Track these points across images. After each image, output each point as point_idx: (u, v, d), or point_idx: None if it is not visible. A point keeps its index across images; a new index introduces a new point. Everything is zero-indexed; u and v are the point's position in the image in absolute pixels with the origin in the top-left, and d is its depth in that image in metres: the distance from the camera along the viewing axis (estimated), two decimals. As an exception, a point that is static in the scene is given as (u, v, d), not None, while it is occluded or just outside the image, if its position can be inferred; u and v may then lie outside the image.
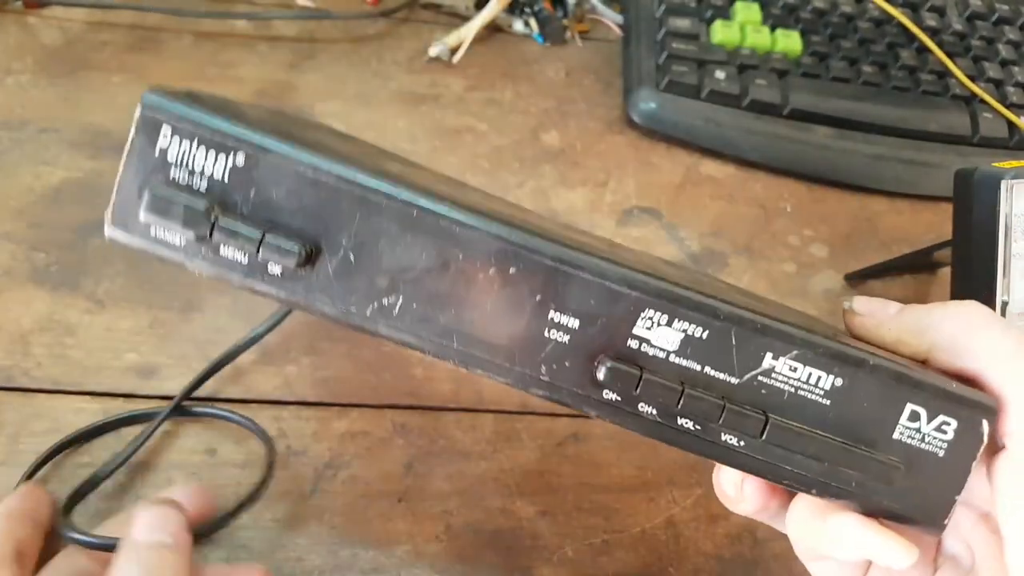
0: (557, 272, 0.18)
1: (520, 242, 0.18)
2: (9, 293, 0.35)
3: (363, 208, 0.18)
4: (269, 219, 0.18)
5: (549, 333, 0.18)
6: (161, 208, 0.17)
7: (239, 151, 0.17)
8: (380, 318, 0.18)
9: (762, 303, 0.26)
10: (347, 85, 0.46)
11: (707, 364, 0.18)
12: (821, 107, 0.47)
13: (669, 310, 0.18)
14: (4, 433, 0.31)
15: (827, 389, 0.19)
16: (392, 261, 0.18)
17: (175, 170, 0.18)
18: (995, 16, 0.53)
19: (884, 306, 0.22)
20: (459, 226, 0.18)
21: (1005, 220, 0.31)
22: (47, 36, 0.44)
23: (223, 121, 0.17)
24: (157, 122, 0.18)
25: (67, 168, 0.39)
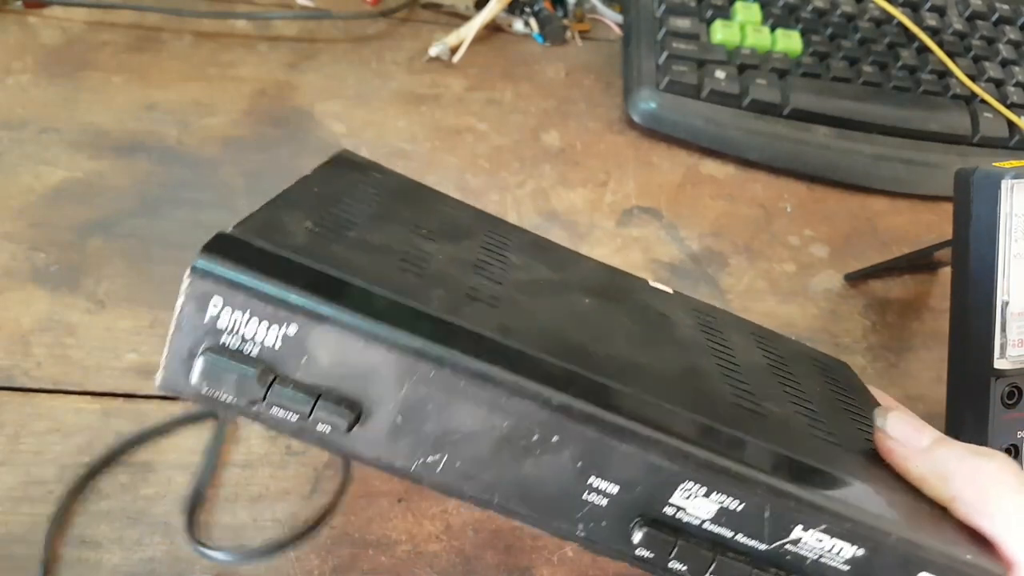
0: (599, 442, 0.18)
1: (563, 410, 0.18)
2: (9, 293, 0.35)
3: (412, 376, 0.18)
4: (320, 383, 0.18)
5: (588, 496, 0.19)
6: (213, 377, 0.18)
7: (292, 322, 0.17)
8: (424, 472, 0.19)
9: (806, 404, 0.26)
10: (347, 85, 0.46)
11: (739, 531, 0.19)
12: (821, 107, 0.47)
13: (708, 483, 0.18)
14: (4, 433, 0.31)
15: (848, 558, 0.19)
16: (438, 424, 0.18)
17: (226, 336, 0.18)
18: (995, 16, 0.53)
19: (917, 435, 0.22)
20: (504, 395, 0.18)
21: (1005, 220, 0.31)
22: (47, 36, 0.44)
23: (276, 288, 0.17)
24: (207, 293, 0.17)
25: (67, 168, 0.39)
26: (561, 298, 0.26)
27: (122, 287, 0.36)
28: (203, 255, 0.17)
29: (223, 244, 0.18)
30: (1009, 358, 0.31)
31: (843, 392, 0.29)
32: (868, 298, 0.43)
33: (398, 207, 0.27)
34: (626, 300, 0.28)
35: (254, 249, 0.18)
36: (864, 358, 0.40)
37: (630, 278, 0.31)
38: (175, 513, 0.30)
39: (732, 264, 0.43)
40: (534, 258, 0.28)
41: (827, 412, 0.26)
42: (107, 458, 0.30)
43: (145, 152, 0.41)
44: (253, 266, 0.17)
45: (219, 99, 0.44)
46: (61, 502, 0.28)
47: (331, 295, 0.18)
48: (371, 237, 0.23)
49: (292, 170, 0.43)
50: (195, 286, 0.17)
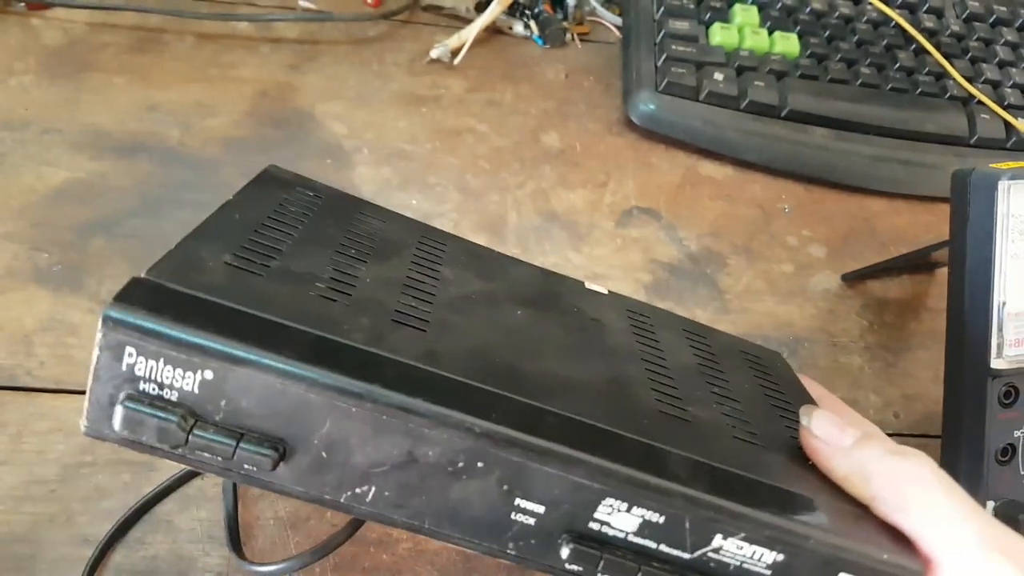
0: (522, 466, 0.19)
1: (487, 436, 0.18)
2: (11, 293, 0.35)
3: (333, 412, 0.18)
4: (242, 424, 0.18)
5: (515, 516, 0.19)
6: (134, 424, 0.17)
7: (205, 367, 0.17)
8: (353, 503, 0.19)
9: (727, 381, 0.27)
10: (348, 86, 0.46)
11: (662, 542, 0.20)
12: (819, 108, 0.47)
13: (629, 499, 0.19)
14: (7, 433, 0.31)
15: (769, 563, 0.20)
16: (363, 457, 0.18)
17: (144, 383, 0.17)
18: (993, 18, 0.54)
19: (840, 434, 0.23)
20: (427, 426, 0.18)
21: (1002, 221, 0.31)
22: (49, 37, 0.45)
23: (188, 335, 0.17)
24: (121, 342, 0.17)
25: (69, 169, 0.39)
26: (492, 312, 0.26)
27: (124, 287, 0.36)
28: (114, 304, 0.17)
29: (136, 291, 0.18)
30: (1006, 358, 0.31)
31: (773, 386, 0.29)
32: (866, 298, 0.43)
33: (325, 226, 0.26)
34: (559, 307, 0.28)
35: (167, 292, 0.18)
36: (862, 358, 0.40)
37: (566, 281, 0.31)
38: (176, 512, 0.30)
39: (731, 264, 0.43)
40: (467, 269, 0.28)
41: (754, 410, 0.26)
42: (140, 510, 0.30)
43: (147, 153, 0.41)
44: (165, 312, 0.17)
45: (220, 100, 0.44)
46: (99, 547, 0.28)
47: (245, 336, 0.18)
48: (294, 264, 0.22)
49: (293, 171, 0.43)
50: (108, 336, 0.17)
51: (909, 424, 0.38)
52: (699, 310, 0.41)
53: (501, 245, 0.41)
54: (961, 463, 0.32)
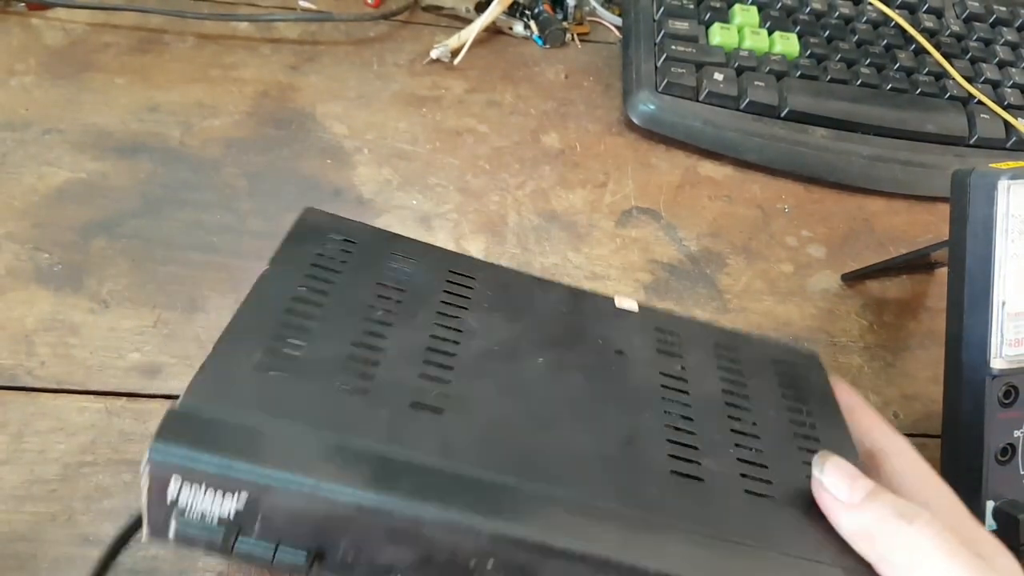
0: (531, 564, 0.20)
1: (496, 539, 0.20)
2: (13, 293, 0.35)
3: (352, 525, 0.20)
4: (279, 534, 0.20)
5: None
6: (187, 539, 0.20)
7: (242, 491, 0.20)
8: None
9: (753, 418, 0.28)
10: (348, 87, 0.46)
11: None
12: (819, 108, 0.47)
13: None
14: (7, 432, 0.31)
15: None
16: (384, 559, 0.21)
17: (189, 509, 0.20)
18: (992, 18, 0.54)
19: (849, 491, 0.23)
20: (439, 532, 0.20)
21: (1002, 220, 0.31)
22: (50, 37, 0.45)
23: (222, 465, 0.20)
24: (165, 477, 0.20)
25: (70, 169, 0.40)
26: (513, 367, 0.27)
27: (125, 287, 0.36)
28: (157, 441, 0.20)
29: (174, 424, 0.20)
30: (1005, 357, 0.31)
31: (800, 407, 0.29)
32: (865, 298, 0.43)
33: (354, 283, 0.28)
34: (584, 341, 0.29)
35: (201, 422, 0.20)
36: (861, 358, 0.40)
37: (596, 301, 0.32)
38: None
39: (730, 264, 0.43)
40: (493, 309, 0.29)
41: (775, 444, 0.27)
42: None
43: (147, 153, 0.41)
44: (201, 444, 0.20)
45: (221, 100, 0.44)
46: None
47: (273, 459, 0.20)
48: (323, 347, 0.24)
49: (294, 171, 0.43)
50: (154, 471, 0.20)
51: (908, 424, 0.38)
52: (698, 310, 0.41)
53: (501, 245, 0.41)
54: (961, 463, 0.32)
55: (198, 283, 0.37)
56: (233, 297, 0.36)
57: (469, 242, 0.41)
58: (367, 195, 0.42)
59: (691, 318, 0.33)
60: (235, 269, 0.37)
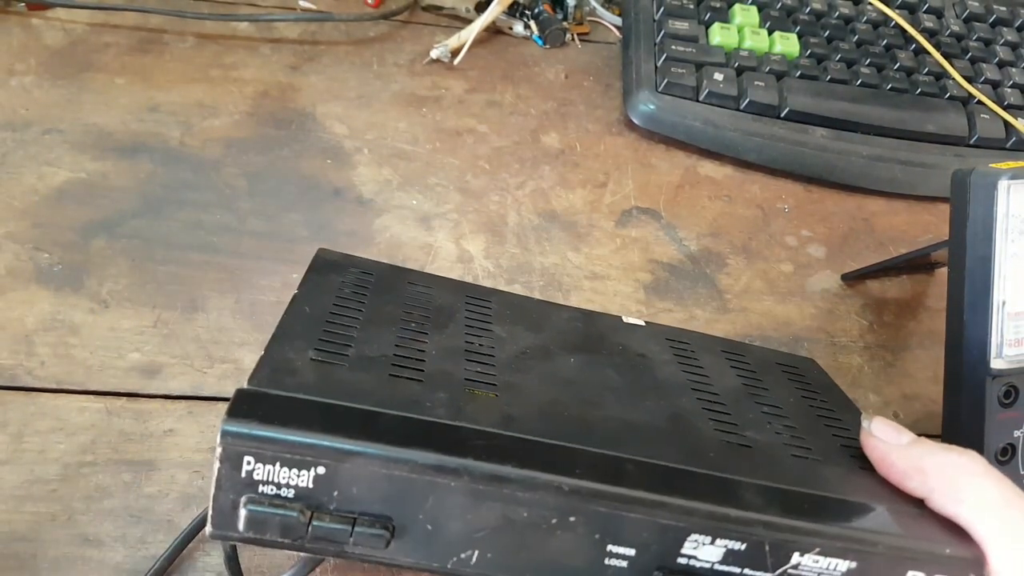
0: (612, 516, 0.20)
1: (575, 493, 0.20)
2: (13, 293, 0.35)
3: (433, 489, 0.20)
4: (355, 507, 0.20)
5: (609, 561, 0.21)
6: (258, 524, 0.19)
7: (318, 464, 0.19)
8: (460, 567, 0.20)
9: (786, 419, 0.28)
10: (348, 87, 0.46)
11: (746, 567, 0.21)
12: (819, 108, 0.47)
13: (712, 532, 0.20)
14: (7, 432, 0.31)
15: (844, 571, 0.21)
16: (465, 525, 0.20)
17: (263, 486, 0.19)
18: (992, 17, 0.54)
19: (897, 434, 0.25)
20: (520, 490, 0.20)
21: (1002, 220, 0.31)
22: (50, 37, 0.45)
23: (299, 437, 0.19)
24: (239, 453, 0.19)
25: (70, 169, 0.40)
26: (548, 364, 0.28)
27: (125, 287, 0.36)
28: (229, 419, 0.19)
29: (244, 402, 0.20)
30: (1005, 358, 0.31)
31: (814, 395, 0.31)
32: (865, 298, 0.43)
33: (381, 303, 0.29)
34: (605, 347, 0.31)
35: (271, 399, 0.20)
36: (861, 358, 0.40)
37: (605, 319, 0.34)
38: (178, 511, 0.30)
39: (730, 264, 0.43)
40: (514, 323, 0.31)
41: (802, 423, 0.28)
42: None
43: (148, 153, 0.41)
44: (274, 419, 0.19)
45: (221, 101, 0.44)
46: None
47: (348, 430, 0.20)
48: (368, 349, 0.25)
49: (294, 171, 0.43)
50: (227, 449, 0.19)
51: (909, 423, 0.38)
52: (698, 310, 0.41)
53: (501, 245, 0.41)
54: (960, 463, 0.32)
55: (198, 283, 0.37)
56: (233, 297, 0.36)
57: (469, 242, 0.41)
58: (367, 195, 0.42)
59: (695, 331, 0.35)
60: (235, 269, 0.37)
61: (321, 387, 0.21)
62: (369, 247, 0.40)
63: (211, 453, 0.32)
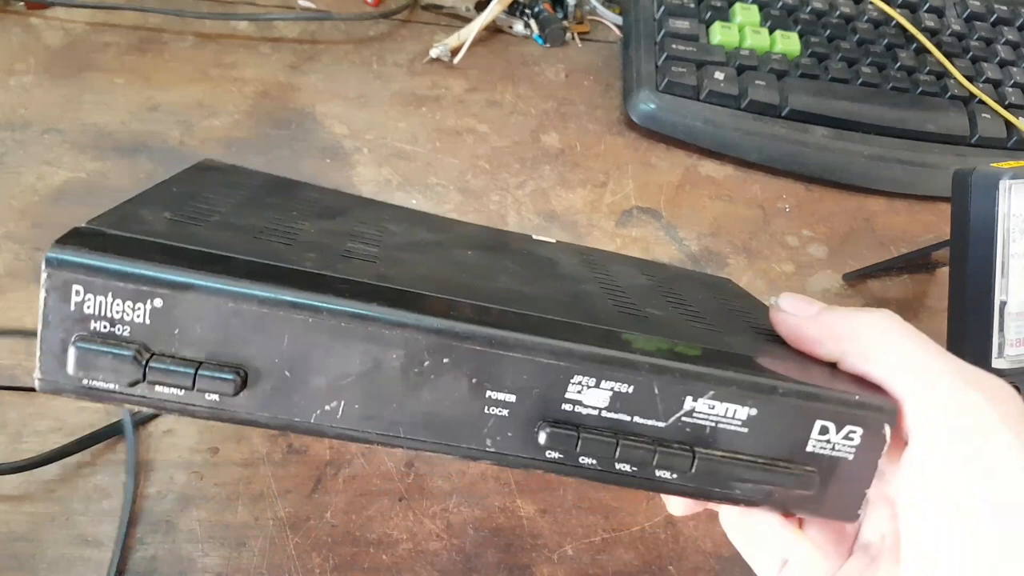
0: (487, 355, 0.18)
1: (448, 332, 0.18)
2: (12, 293, 0.35)
3: (289, 327, 0.17)
4: (200, 351, 0.18)
5: (489, 410, 0.19)
6: (89, 363, 0.17)
7: (154, 296, 0.17)
8: (324, 422, 0.18)
9: (678, 295, 0.27)
10: (348, 86, 0.46)
11: (635, 414, 0.20)
12: (819, 108, 0.47)
13: (596, 373, 0.19)
14: (6, 432, 0.31)
15: (744, 419, 0.20)
16: (328, 370, 0.18)
17: (95, 322, 0.17)
18: (994, 17, 0.54)
19: (807, 305, 0.23)
20: (386, 327, 0.18)
21: (1003, 220, 0.31)
22: (50, 37, 0.45)
23: (133, 266, 0.17)
24: (67, 282, 0.17)
25: (70, 169, 0.40)
26: (443, 253, 0.26)
27: (124, 287, 0.36)
28: (56, 246, 0.17)
29: (77, 235, 0.18)
30: (1007, 358, 0.31)
31: (728, 299, 0.30)
32: (866, 298, 0.43)
33: (266, 196, 0.26)
34: (510, 250, 0.29)
35: (109, 236, 0.18)
36: (863, 358, 0.40)
37: (514, 235, 0.32)
38: (176, 511, 0.30)
39: (731, 264, 0.43)
40: (413, 226, 0.28)
41: (712, 312, 0.27)
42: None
43: (147, 153, 0.41)
44: (109, 249, 0.17)
45: (221, 100, 0.44)
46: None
47: (192, 263, 0.17)
48: (236, 220, 0.22)
49: (294, 171, 0.43)
50: (54, 277, 0.17)
51: (910, 424, 0.38)
52: (699, 310, 0.41)
53: (501, 245, 0.41)
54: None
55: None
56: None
57: (469, 242, 0.41)
58: (367, 195, 0.42)
59: (610, 251, 0.34)
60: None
61: (169, 234, 0.19)
62: (369, 247, 0.40)
63: (210, 454, 0.32)
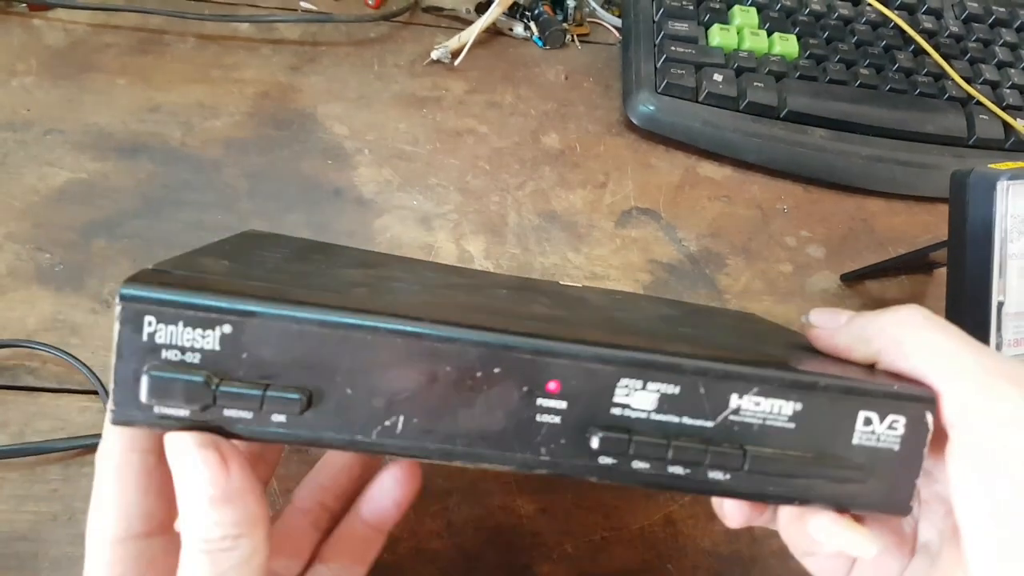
0: (536, 364, 0.19)
1: (497, 344, 0.19)
2: (14, 293, 0.35)
3: (349, 347, 0.19)
4: (267, 374, 0.19)
5: (541, 418, 0.20)
6: (161, 391, 0.18)
7: (223, 323, 0.18)
8: (385, 438, 0.20)
9: (710, 324, 0.29)
10: (349, 88, 0.46)
11: (684, 414, 0.20)
12: (818, 109, 0.47)
13: (641, 376, 0.20)
14: (8, 431, 0.31)
15: (789, 414, 0.21)
16: (386, 386, 0.19)
17: (166, 351, 0.18)
18: (992, 18, 0.54)
19: (835, 316, 0.24)
20: (439, 342, 0.19)
21: (1001, 221, 0.31)
22: (51, 38, 0.45)
23: (201, 298, 0.18)
24: (139, 313, 0.18)
25: (71, 169, 0.40)
26: (479, 291, 0.28)
27: (126, 287, 0.36)
28: (128, 283, 0.18)
29: (146, 273, 0.19)
30: (1004, 358, 0.31)
31: (760, 325, 0.31)
32: (864, 298, 0.43)
33: (309, 253, 0.28)
34: (540, 291, 0.30)
35: (175, 275, 0.19)
36: (861, 358, 0.40)
37: (542, 280, 0.34)
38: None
39: (730, 264, 0.43)
40: (448, 274, 0.30)
41: (746, 332, 0.28)
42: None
43: (148, 153, 0.41)
44: (178, 285, 0.18)
45: (222, 101, 0.44)
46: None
47: (255, 293, 0.19)
48: (287, 267, 0.24)
49: (294, 172, 0.43)
50: (127, 310, 0.18)
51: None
52: (698, 310, 0.41)
53: (501, 245, 0.41)
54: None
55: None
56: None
57: (469, 242, 0.41)
58: (367, 195, 0.42)
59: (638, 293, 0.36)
60: (236, 269, 0.38)
61: (229, 274, 0.21)
62: (369, 247, 0.40)
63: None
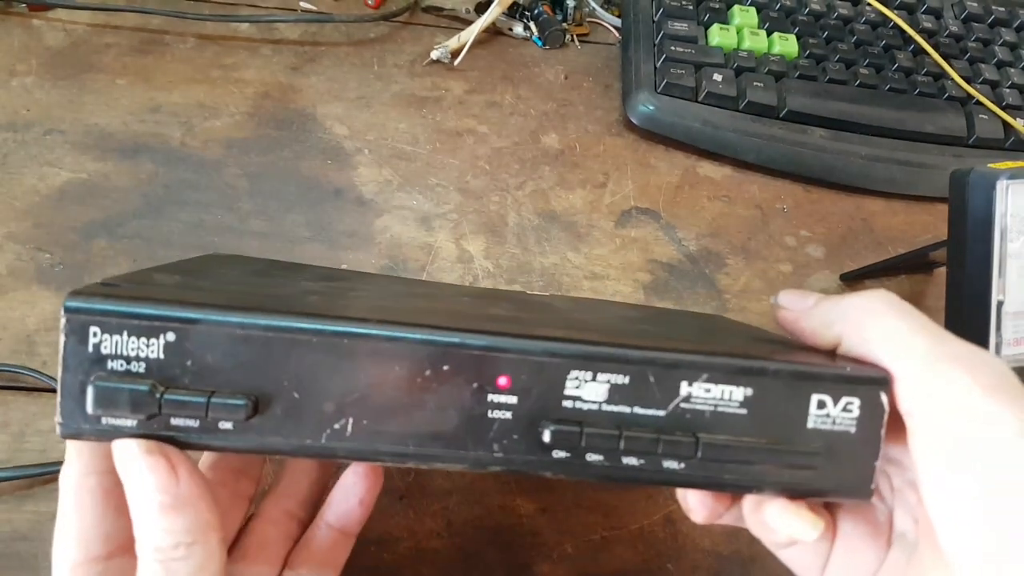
0: (485, 360, 0.19)
1: (444, 342, 0.19)
2: (14, 293, 0.35)
3: (294, 350, 0.19)
4: (212, 381, 0.19)
5: (493, 414, 0.20)
6: (107, 400, 0.18)
7: (166, 331, 0.18)
8: (335, 442, 0.19)
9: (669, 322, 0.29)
10: (349, 88, 0.46)
11: (635, 404, 0.20)
12: (817, 109, 0.47)
13: (590, 367, 0.20)
14: (9, 432, 0.31)
15: (740, 400, 0.20)
16: (334, 388, 0.19)
17: (112, 362, 0.18)
18: (991, 18, 0.54)
19: (803, 299, 0.24)
20: (385, 342, 0.19)
21: (1000, 220, 0.31)
22: (51, 38, 0.45)
23: (142, 307, 0.18)
24: (84, 325, 0.18)
25: (71, 169, 0.40)
26: (439, 299, 0.28)
27: (126, 287, 0.36)
28: (72, 296, 0.18)
29: (91, 287, 0.19)
30: (1005, 357, 0.31)
31: (722, 324, 0.31)
32: (865, 298, 0.43)
33: (272, 269, 0.29)
34: (505, 298, 0.31)
35: (121, 288, 0.19)
36: (861, 357, 0.41)
37: (509, 291, 0.34)
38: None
39: (729, 264, 0.43)
40: (413, 287, 0.30)
41: (706, 328, 0.28)
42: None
43: (149, 154, 0.41)
44: (121, 296, 0.19)
45: (222, 101, 0.44)
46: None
47: (198, 301, 0.19)
48: (244, 280, 0.24)
49: (294, 172, 0.43)
50: (72, 322, 0.18)
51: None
52: (697, 309, 0.41)
53: (501, 245, 0.41)
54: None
55: (199, 283, 0.37)
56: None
57: (469, 242, 0.41)
58: (367, 195, 0.42)
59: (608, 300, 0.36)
60: (236, 269, 0.38)
61: (178, 286, 0.21)
62: (370, 247, 0.40)
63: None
